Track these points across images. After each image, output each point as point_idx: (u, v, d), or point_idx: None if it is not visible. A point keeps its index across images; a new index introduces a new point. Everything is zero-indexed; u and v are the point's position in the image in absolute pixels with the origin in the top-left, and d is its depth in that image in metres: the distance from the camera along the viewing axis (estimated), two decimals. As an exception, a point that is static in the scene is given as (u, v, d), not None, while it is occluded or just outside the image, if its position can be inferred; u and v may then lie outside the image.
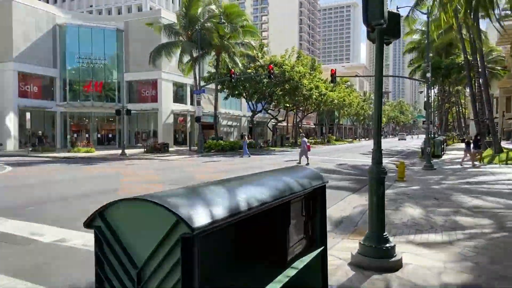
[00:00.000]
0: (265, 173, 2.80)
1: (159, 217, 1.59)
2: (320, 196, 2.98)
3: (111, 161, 23.07)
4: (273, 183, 2.30)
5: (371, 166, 4.79)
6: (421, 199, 9.64)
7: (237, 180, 2.37)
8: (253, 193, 1.98)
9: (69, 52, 37.98)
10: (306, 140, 21.66)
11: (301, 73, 36.70)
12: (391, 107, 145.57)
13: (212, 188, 1.97)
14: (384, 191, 4.86)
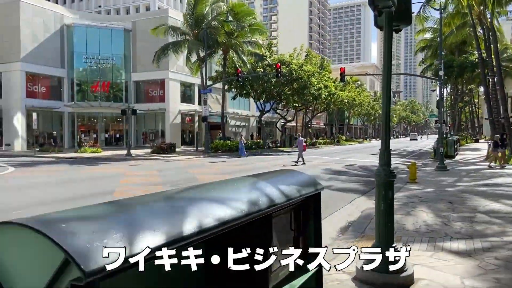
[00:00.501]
0: (241, 180, 2.29)
1: (46, 252, 1.08)
2: (313, 205, 2.47)
3: (115, 161, 22.79)
4: (246, 195, 1.81)
5: (378, 168, 4.25)
6: (434, 203, 9.03)
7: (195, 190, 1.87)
8: (209, 211, 1.48)
9: (77, 52, 37.93)
10: (303, 140, 21.58)
11: (309, 72, 36.06)
12: (402, 107, 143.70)
13: (150, 205, 1.47)
14: (393, 196, 4.31)
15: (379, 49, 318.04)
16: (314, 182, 2.50)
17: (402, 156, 30.80)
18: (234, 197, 1.70)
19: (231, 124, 49.33)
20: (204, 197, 1.67)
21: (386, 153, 4.21)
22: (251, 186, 2.00)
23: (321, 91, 39.48)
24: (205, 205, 1.50)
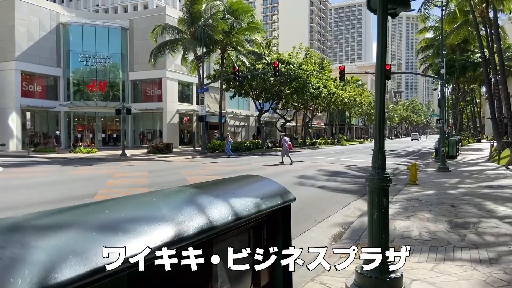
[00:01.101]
0: (176, 192, 1.73)
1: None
2: (280, 222, 1.93)
3: (109, 162, 22.27)
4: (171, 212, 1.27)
5: (371, 172, 3.72)
6: (435, 207, 8.48)
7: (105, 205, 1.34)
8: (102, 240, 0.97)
9: (73, 51, 37.43)
10: (288, 139, 21.47)
11: (308, 71, 35.48)
12: (403, 107, 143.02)
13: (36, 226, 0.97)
14: (388, 204, 3.77)
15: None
16: (282, 191, 1.96)
17: (403, 156, 30.27)
18: (161, 216, 1.17)
19: (230, 124, 48.79)
20: (86, 221, 1.13)
21: (380, 154, 3.68)
22: (185, 201, 1.46)
23: (320, 90, 38.89)
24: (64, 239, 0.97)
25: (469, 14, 32.12)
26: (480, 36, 28.57)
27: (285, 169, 17.98)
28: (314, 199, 9.98)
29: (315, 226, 7.30)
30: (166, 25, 29.80)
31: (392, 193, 10.74)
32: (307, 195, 10.55)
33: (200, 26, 28.44)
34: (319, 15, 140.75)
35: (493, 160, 21.62)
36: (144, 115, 39.85)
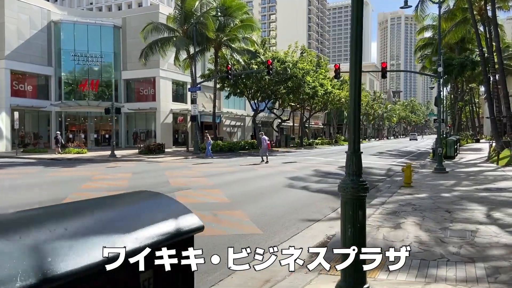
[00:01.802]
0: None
1: None
2: (177, 267, 1.28)
3: (96, 163, 21.62)
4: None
5: (344, 180, 3.08)
6: (429, 212, 7.86)
7: None
8: None
9: (65, 49, 36.73)
10: (266, 138, 21.70)
11: (304, 70, 34.83)
12: (402, 107, 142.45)
13: None
14: (365, 217, 3.14)
15: (379, 49, 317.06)
16: (184, 218, 1.33)
17: (400, 156, 29.69)
18: None
19: (226, 124, 48.12)
20: None
21: (354, 158, 3.04)
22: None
23: (316, 90, 38.25)
24: None
25: (467, 12, 31.54)
26: (479, 34, 27.99)
27: (277, 170, 17.34)
28: (301, 203, 9.35)
29: (297, 235, 6.66)
30: (157, 23, 29.13)
31: (385, 196, 10.13)
32: (294, 198, 9.92)
33: (192, 24, 27.78)
34: (317, 15, 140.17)
35: (492, 160, 21.02)
36: (138, 115, 39.16)
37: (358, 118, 3.05)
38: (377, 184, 13.28)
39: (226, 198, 9.47)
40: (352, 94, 3.05)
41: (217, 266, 3.31)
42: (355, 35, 3.12)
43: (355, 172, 3.02)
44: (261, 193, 10.34)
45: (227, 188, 11.30)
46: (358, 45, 3.10)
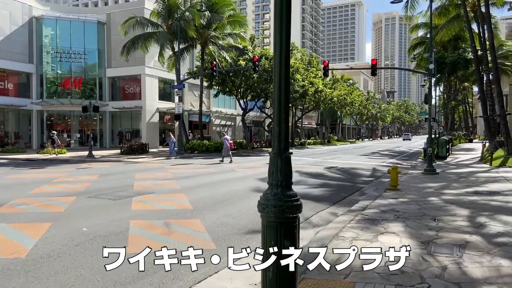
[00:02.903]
0: None
1: None
2: None
3: (70, 164, 20.53)
4: None
5: (266, 194, 2.11)
6: (413, 220, 6.93)
7: None
8: None
9: (46, 46, 35.48)
10: (229, 138, 21.95)
11: (293, 67, 33.85)
12: (396, 107, 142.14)
13: None
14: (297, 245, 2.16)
15: (374, 49, 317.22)
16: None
17: (391, 156, 28.86)
18: None
19: (216, 124, 47.06)
20: None
21: (280, 161, 2.08)
22: None
23: (307, 88, 37.31)
24: None
25: (460, 8, 30.78)
26: (472, 31, 27.21)
27: (258, 171, 16.35)
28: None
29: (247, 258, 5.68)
30: (139, 18, 28.03)
31: (367, 200, 9.19)
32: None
33: (176, 19, 26.73)
34: (311, 14, 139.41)
35: (485, 160, 20.21)
36: (123, 114, 37.99)
37: (285, 108, 2.09)
38: (363, 187, 12.39)
39: (189, 204, 8.49)
40: (278, 73, 2.08)
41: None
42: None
43: (280, 182, 2.05)
44: (230, 198, 9.35)
45: (195, 192, 10.31)
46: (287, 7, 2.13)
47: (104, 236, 5.90)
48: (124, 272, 4.47)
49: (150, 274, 4.46)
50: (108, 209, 7.89)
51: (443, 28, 33.21)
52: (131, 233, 6.04)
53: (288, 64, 2.12)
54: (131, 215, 7.12)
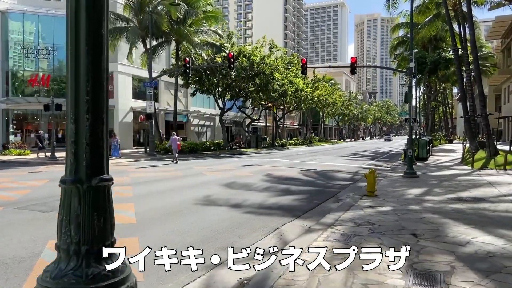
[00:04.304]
0: None
1: None
2: None
3: (28, 166, 19.00)
4: None
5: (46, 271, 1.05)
6: (390, 236, 5.92)
7: None
8: None
9: (12, 41, 33.54)
10: (178, 138, 22.00)
11: (272, 65, 32.82)
12: (377, 107, 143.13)
13: None
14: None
15: (356, 50, 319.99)
16: None
17: (371, 158, 28.13)
18: None
19: (194, 124, 45.70)
20: None
21: (83, 202, 1.11)
22: None
23: (286, 88, 36.35)
24: None
25: (441, 7, 30.34)
26: (453, 29, 26.71)
27: (229, 175, 15.23)
28: (229, 223, 7.20)
29: (197, 280, 4.55)
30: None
31: (340, 210, 8.15)
32: (224, 216, 7.76)
33: (147, 12, 25.36)
34: (293, 14, 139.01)
35: (466, 162, 19.59)
36: (95, 113, 36.20)
37: (95, 80, 1.43)
38: (338, 192, 11.40)
39: (134, 217, 7.29)
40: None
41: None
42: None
43: (77, 248, 0.93)
44: (184, 208, 8.19)
45: (147, 201, 9.12)
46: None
47: (5, 264, 4.68)
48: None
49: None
50: (31, 224, 6.63)
51: (424, 26, 32.76)
52: (41, 259, 4.84)
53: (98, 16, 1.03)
54: (53, 234, 5.89)
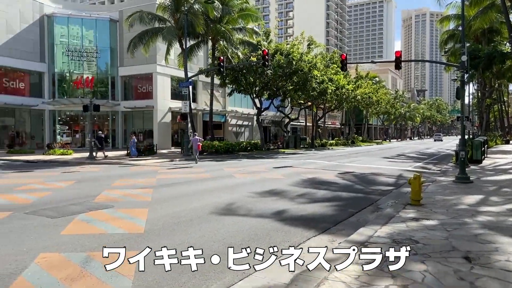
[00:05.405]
0: None
1: None
2: None
3: (67, 166, 19.28)
4: None
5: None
6: (437, 259, 4.82)
7: None
8: None
9: (58, 44, 34.82)
10: (198, 138, 21.97)
11: (311, 63, 31.58)
12: (426, 106, 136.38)
13: None
14: None
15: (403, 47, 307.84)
16: None
17: (419, 160, 26.07)
18: None
19: (232, 124, 45.38)
20: None
21: None
22: None
23: (326, 86, 34.93)
24: None
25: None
26: (510, 20, 24.25)
27: (259, 177, 14.41)
28: (245, 235, 6.35)
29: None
30: (143, 12, 26.64)
31: (378, 223, 7.02)
32: (242, 226, 6.89)
33: (183, 12, 25.13)
34: (336, 11, 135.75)
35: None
36: (135, 114, 36.92)
37: None
38: (378, 199, 10.21)
39: (143, 225, 6.65)
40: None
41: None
42: None
43: None
44: (199, 217, 7.44)
45: (163, 206, 8.49)
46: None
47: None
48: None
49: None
50: (32, 232, 6.17)
51: (476, 19, 30.18)
52: (20, 278, 4.26)
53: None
54: (51, 244, 5.38)
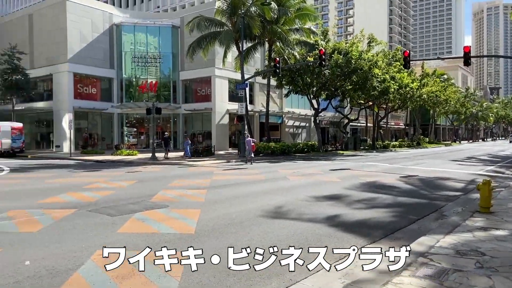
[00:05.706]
0: None
1: None
2: None
3: (131, 166, 20.36)
4: None
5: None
6: (505, 273, 4.32)
7: None
8: None
9: (126, 52, 37.06)
10: (252, 140, 22.17)
11: (371, 61, 30.39)
12: (501, 105, 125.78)
13: None
14: None
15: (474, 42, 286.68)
16: None
17: (491, 163, 23.96)
18: None
19: (289, 125, 45.17)
20: None
21: None
22: None
23: (388, 85, 33.43)
24: None
25: None
26: None
27: (314, 180, 14.08)
28: (294, 240, 6.18)
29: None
30: (201, 17, 27.38)
31: (441, 232, 6.44)
32: (292, 231, 6.68)
33: (240, 15, 25.46)
34: (400, 6, 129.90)
35: None
36: (195, 116, 38.16)
37: None
38: (444, 205, 9.46)
39: (194, 226, 6.74)
40: None
41: None
42: None
43: None
44: (250, 219, 7.38)
45: (215, 207, 8.55)
46: None
47: (38, 277, 4.40)
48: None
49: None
50: (93, 229, 6.50)
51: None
52: (76, 274, 4.48)
53: None
54: (107, 242, 5.61)
